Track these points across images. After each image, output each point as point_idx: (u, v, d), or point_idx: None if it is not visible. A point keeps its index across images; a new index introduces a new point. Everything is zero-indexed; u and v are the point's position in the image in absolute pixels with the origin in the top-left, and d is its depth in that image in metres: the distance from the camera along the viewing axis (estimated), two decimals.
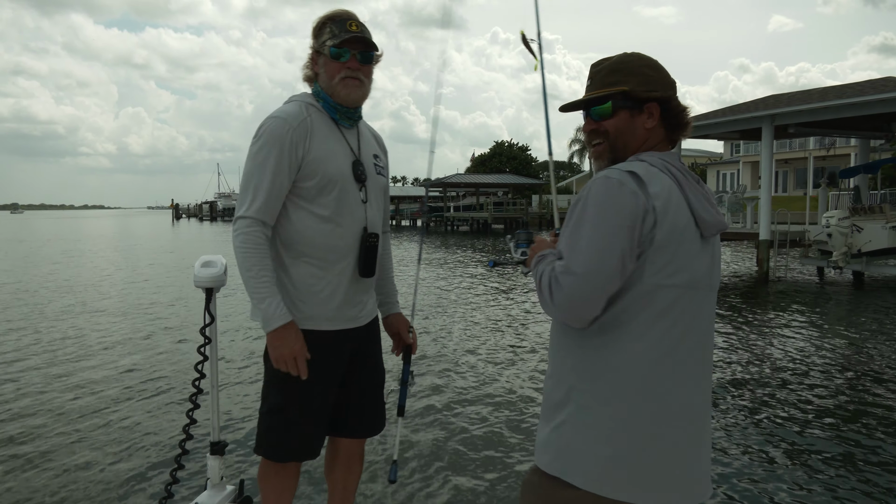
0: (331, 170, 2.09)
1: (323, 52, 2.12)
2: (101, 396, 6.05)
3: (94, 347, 8.23)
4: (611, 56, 1.67)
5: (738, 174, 46.01)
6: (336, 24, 2.10)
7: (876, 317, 10.48)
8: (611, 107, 1.59)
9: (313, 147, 2.07)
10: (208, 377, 2.40)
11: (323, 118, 2.14)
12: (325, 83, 2.14)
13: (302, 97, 2.18)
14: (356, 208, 2.15)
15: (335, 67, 2.11)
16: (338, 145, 2.14)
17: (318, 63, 2.16)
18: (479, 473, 4.20)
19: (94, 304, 11.81)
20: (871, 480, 4.26)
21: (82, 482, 4.06)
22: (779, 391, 6.28)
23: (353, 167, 2.15)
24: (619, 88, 1.58)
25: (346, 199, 2.12)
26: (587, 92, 1.66)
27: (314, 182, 2.07)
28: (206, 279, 2.24)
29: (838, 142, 31.08)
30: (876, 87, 14.32)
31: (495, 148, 66.20)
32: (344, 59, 2.10)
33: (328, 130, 2.14)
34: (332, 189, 2.09)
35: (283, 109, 2.10)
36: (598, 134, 1.63)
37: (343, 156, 2.14)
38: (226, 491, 2.35)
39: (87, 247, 29.83)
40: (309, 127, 2.08)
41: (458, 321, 9.91)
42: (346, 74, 2.10)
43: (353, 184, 2.14)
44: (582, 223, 1.45)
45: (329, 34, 2.10)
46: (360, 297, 2.25)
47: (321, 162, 2.07)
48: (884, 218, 14.35)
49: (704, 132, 17.99)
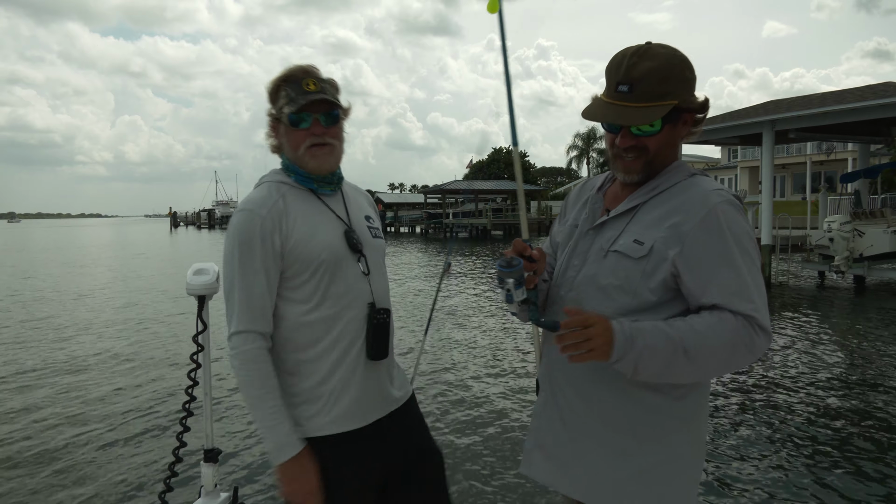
0: (318, 249, 1.80)
1: (282, 121, 1.84)
2: (94, 405, 5.96)
3: (89, 357, 8.13)
4: (639, 49, 1.44)
5: (736, 179, 46.12)
6: (291, 86, 1.81)
7: (881, 319, 10.40)
8: (660, 124, 1.44)
9: (293, 230, 1.79)
10: (201, 385, 2.36)
11: (299, 193, 1.86)
12: (291, 154, 1.87)
13: (271, 176, 1.91)
14: (358, 284, 1.86)
15: (298, 136, 1.83)
16: (322, 218, 1.86)
17: (280, 132, 1.88)
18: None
19: (91, 311, 11.71)
20: (868, 478, 4.20)
21: (76, 490, 3.98)
22: (781, 395, 6.19)
23: (346, 238, 1.87)
24: (670, 102, 1.42)
25: (344, 277, 1.83)
26: (623, 99, 1.42)
27: (302, 267, 1.79)
28: (198, 287, 2.22)
29: (827, 146, 31.17)
30: (876, 93, 14.31)
31: (493, 154, 66.37)
32: (305, 126, 1.82)
33: (308, 205, 1.86)
34: (325, 270, 1.80)
35: (250, 199, 1.83)
36: (636, 150, 1.47)
37: (331, 228, 1.86)
38: (220, 498, 2.32)
39: (97, 255, 29.77)
40: (282, 209, 1.80)
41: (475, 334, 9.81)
42: (311, 142, 1.83)
43: (349, 257, 1.85)
44: (747, 255, 1.39)
45: (285, 99, 1.81)
46: (379, 381, 1.90)
47: (306, 243, 1.79)
48: (885, 222, 14.35)
49: (705, 138, 17.96)
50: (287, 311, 1.80)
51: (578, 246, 1.60)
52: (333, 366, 1.81)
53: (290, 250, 1.78)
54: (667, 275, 1.41)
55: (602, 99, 1.48)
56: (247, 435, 5.10)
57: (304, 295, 1.80)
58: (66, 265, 23.99)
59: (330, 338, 1.81)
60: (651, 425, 1.47)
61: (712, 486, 4.21)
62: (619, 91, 1.43)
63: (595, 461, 1.51)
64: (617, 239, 1.50)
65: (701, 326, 1.35)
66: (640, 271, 1.43)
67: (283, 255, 1.78)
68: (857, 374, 7.13)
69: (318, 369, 1.81)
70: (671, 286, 1.42)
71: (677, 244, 1.40)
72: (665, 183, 1.49)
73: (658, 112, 1.41)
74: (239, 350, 1.74)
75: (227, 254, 1.79)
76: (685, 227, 1.40)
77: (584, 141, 60.38)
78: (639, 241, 1.45)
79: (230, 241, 1.79)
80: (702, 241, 1.37)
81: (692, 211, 1.40)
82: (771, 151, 15.59)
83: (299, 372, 1.81)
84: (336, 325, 1.81)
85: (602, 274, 1.50)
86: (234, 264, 1.76)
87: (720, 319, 1.35)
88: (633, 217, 1.50)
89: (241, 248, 1.76)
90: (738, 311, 1.35)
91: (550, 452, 1.59)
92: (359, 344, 1.83)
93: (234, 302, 1.75)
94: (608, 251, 1.50)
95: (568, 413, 1.56)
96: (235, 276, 1.76)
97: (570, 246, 1.63)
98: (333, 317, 1.81)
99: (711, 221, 1.37)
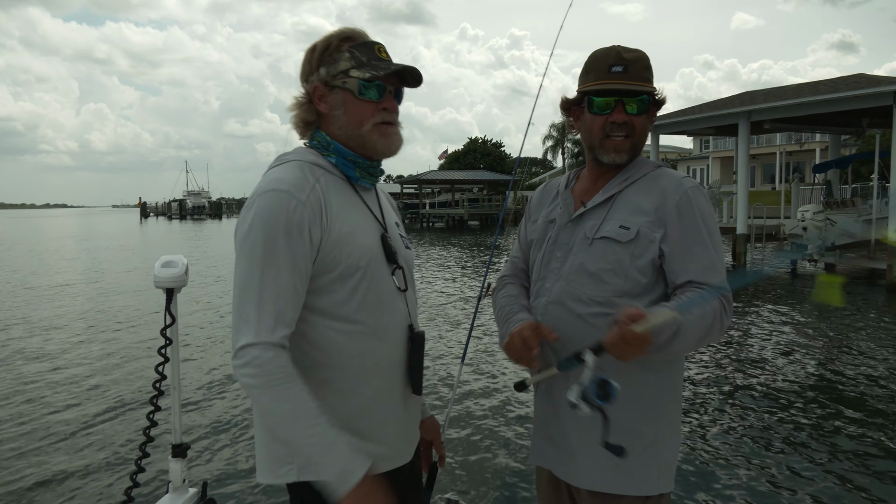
0: (358, 253, 1.47)
1: (344, 87, 1.50)
2: (61, 400, 5.77)
3: (54, 350, 7.89)
4: (618, 45, 1.62)
5: (708, 169, 46.78)
6: (360, 48, 1.51)
7: (853, 305, 10.64)
8: (647, 106, 1.59)
9: (333, 224, 1.45)
10: (169, 379, 2.29)
11: (335, 181, 1.52)
12: (348, 130, 1.53)
13: (299, 154, 1.54)
14: (394, 301, 1.54)
15: (367, 109, 1.51)
16: (360, 216, 1.53)
17: (332, 102, 1.53)
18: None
19: (59, 307, 11.41)
20: (834, 458, 4.23)
21: (38, 488, 3.85)
22: (754, 375, 6.25)
23: (383, 243, 1.54)
24: (653, 88, 1.59)
25: (380, 290, 1.51)
26: (620, 78, 1.56)
27: (337, 274, 1.45)
28: (166, 280, 2.16)
29: (803, 137, 31.81)
30: (848, 84, 14.59)
31: (469, 144, 66.33)
32: (375, 98, 1.51)
33: (345, 198, 1.52)
34: (362, 280, 1.48)
35: (281, 178, 1.44)
36: (625, 127, 1.58)
37: (370, 230, 1.53)
38: (188, 493, 2.31)
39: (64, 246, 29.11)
40: (321, 197, 1.45)
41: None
42: (382, 119, 1.53)
43: (384, 268, 1.53)
44: (714, 234, 1.54)
45: (352, 62, 1.50)
46: (412, 420, 1.63)
47: (347, 243, 1.46)
48: (856, 211, 14.65)
49: (681, 128, 18.18)
50: (311, 330, 1.45)
51: (559, 238, 1.66)
52: (376, 394, 1.49)
53: (327, 250, 1.43)
54: (654, 256, 1.52)
55: (595, 83, 1.59)
56: (215, 429, 4.98)
57: (334, 309, 1.46)
58: (35, 257, 23.37)
59: (364, 367, 1.48)
60: (650, 402, 1.56)
61: (689, 475, 4.18)
62: (615, 72, 1.56)
63: (595, 451, 1.51)
64: (600, 227, 1.57)
65: (695, 303, 1.41)
66: (629, 254, 1.53)
67: (318, 257, 1.43)
68: (824, 358, 7.31)
69: (355, 396, 1.47)
70: (658, 266, 1.54)
71: (660, 227, 1.53)
72: (636, 174, 1.61)
73: (649, 90, 1.57)
74: (261, 363, 1.34)
75: (249, 244, 1.40)
76: (665, 210, 1.53)
77: (560, 132, 60.77)
78: (625, 226, 1.54)
79: (254, 228, 1.40)
80: (679, 224, 1.52)
81: (669, 196, 1.54)
82: (747, 141, 15.85)
83: (321, 404, 1.39)
84: (371, 351, 1.48)
85: (591, 260, 1.56)
86: (258, 257, 1.38)
87: (700, 295, 1.44)
88: (612, 206, 1.59)
89: (269, 238, 1.38)
90: (711, 284, 1.48)
91: (558, 442, 1.64)
92: (398, 375, 1.53)
93: (254, 305, 1.37)
94: (594, 239, 1.57)
95: (563, 403, 1.57)
96: (257, 273, 1.38)
97: (549, 239, 1.69)
98: (372, 334, 1.48)
99: (685, 204, 1.53)
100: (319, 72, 1.52)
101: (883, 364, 6.93)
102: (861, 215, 14.31)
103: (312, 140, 1.57)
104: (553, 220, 1.71)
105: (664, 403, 1.58)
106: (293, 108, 1.57)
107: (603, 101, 1.57)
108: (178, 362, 2.28)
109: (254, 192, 1.46)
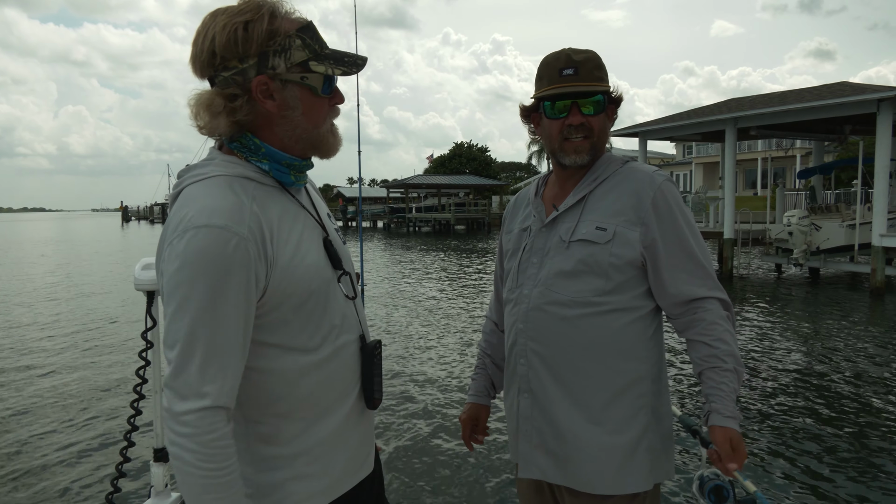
0: (308, 276, 1.27)
1: (304, 83, 1.26)
2: (38, 405, 5.63)
3: (34, 348, 7.71)
4: (568, 48, 1.62)
5: (691, 175, 47.17)
6: (309, 34, 1.26)
7: (834, 307, 10.77)
8: (602, 106, 1.59)
9: (278, 251, 1.23)
10: (151, 382, 2.23)
11: (268, 192, 1.28)
12: (301, 132, 1.30)
13: (221, 167, 1.26)
14: (344, 311, 1.35)
15: (324, 107, 1.31)
16: (300, 226, 1.31)
17: (285, 100, 1.26)
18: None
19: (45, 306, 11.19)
20: (820, 451, 4.22)
21: (18, 493, 3.74)
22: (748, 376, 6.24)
23: (326, 249, 1.34)
24: (606, 87, 1.59)
25: (333, 308, 1.32)
26: (571, 80, 1.56)
27: (288, 306, 1.26)
28: (146, 282, 2.11)
29: (785, 144, 32.30)
30: (833, 92, 14.78)
31: (455, 149, 66.41)
32: (327, 93, 1.30)
33: (281, 209, 1.28)
34: (315, 304, 1.29)
35: (209, 206, 1.17)
36: (583, 129, 1.58)
37: (313, 239, 1.33)
38: (171, 498, 2.23)
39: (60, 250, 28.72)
40: (261, 222, 1.21)
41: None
42: (335, 116, 1.35)
43: (331, 276, 1.33)
44: (696, 235, 1.57)
45: (306, 51, 1.25)
46: (369, 430, 1.48)
47: (295, 267, 1.25)
48: (840, 217, 14.82)
49: (668, 135, 18.33)
50: (264, 363, 1.26)
51: (535, 244, 1.67)
52: (337, 418, 1.35)
53: (277, 282, 1.22)
54: (634, 255, 1.53)
55: (548, 88, 1.59)
56: None
57: (289, 334, 1.27)
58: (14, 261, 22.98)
59: (321, 391, 1.31)
60: (636, 394, 1.56)
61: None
62: (566, 75, 1.56)
63: (592, 451, 1.55)
64: (576, 229, 1.58)
65: (724, 337, 1.52)
66: (607, 254, 1.54)
67: (267, 291, 1.22)
68: (810, 357, 7.41)
69: (317, 424, 1.32)
70: (637, 265, 1.55)
71: (638, 225, 1.53)
72: (605, 172, 1.62)
73: (601, 89, 1.57)
74: (201, 434, 1.13)
75: (183, 292, 1.14)
76: (642, 207, 1.54)
77: None
78: (601, 227, 1.55)
79: (188, 273, 1.14)
80: (660, 226, 1.52)
81: (643, 192, 1.54)
82: (734, 147, 16.00)
83: (279, 436, 1.28)
84: (327, 374, 1.32)
85: (568, 263, 1.57)
86: (195, 307, 1.14)
87: (717, 319, 1.53)
88: (585, 206, 1.60)
89: (209, 285, 1.14)
90: (714, 297, 1.54)
91: (549, 449, 1.61)
92: (355, 392, 1.38)
93: (194, 363, 1.14)
94: (570, 242, 1.58)
95: (553, 408, 1.60)
96: (197, 325, 1.14)
97: (524, 247, 1.69)
98: (326, 359, 1.31)
99: (661, 201, 1.53)
100: (268, 62, 1.22)
101: (865, 362, 7.03)
102: (845, 220, 14.46)
103: (233, 143, 1.28)
104: (527, 228, 1.73)
105: (647, 392, 1.57)
106: (216, 109, 1.22)
107: (558, 105, 1.59)
108: (159, 365, 2.21)
109: (179, 223, 1.17)
